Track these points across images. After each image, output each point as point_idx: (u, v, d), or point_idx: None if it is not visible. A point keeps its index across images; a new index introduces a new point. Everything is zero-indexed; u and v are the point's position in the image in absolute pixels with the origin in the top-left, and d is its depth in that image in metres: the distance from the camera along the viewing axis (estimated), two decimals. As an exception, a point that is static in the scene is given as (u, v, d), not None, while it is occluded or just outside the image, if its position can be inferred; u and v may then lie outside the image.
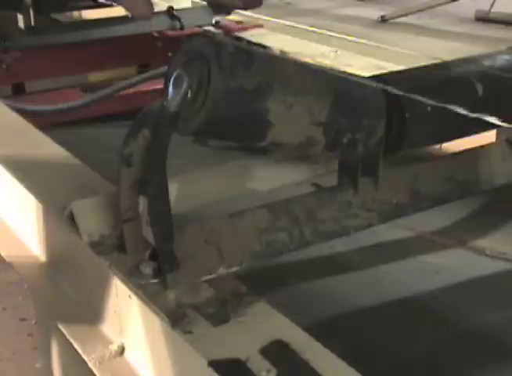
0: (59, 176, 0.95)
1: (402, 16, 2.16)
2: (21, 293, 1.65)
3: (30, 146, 1.06)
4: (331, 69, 0.86)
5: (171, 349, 0.65)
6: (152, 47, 2.02)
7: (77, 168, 0.97)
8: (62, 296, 0.86)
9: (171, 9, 2.02)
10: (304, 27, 1.23)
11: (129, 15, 0.76)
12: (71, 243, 0.81)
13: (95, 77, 2.08)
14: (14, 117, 1.21)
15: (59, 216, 0.83)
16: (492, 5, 2.08)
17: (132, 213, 0.71)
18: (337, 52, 1.68)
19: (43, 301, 0.87)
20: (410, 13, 2.17)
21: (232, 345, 0.62)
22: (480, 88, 0.83)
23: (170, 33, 1.99)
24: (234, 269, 0.73)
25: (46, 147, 1.05)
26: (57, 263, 0.90)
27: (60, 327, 0.81)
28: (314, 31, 1.22)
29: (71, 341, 0.79)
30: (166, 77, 0.68)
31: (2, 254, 0.99)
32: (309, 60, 1.62)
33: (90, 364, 0.75)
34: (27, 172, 0.97)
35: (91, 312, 0.81)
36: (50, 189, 0.91)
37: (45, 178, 0.95)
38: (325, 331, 0.70)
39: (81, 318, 0.81)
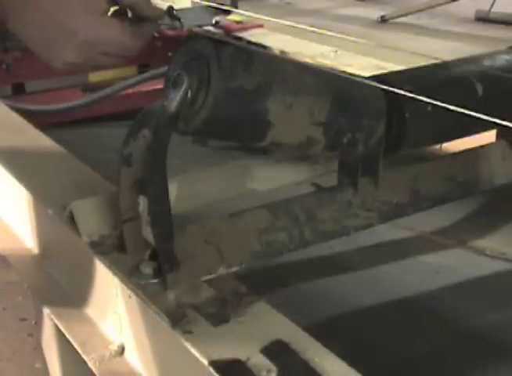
0: (59, 176, 0.95)
1: (402, 16, 2.17)
2: (21, 293, 1.65)
3: (30, 146, 1.06)
4: (331, 69, 0.86)
5: (171, 349, 0.65)
6: (152, 47, 2.02)
7: (77, 168, 0.97)
8: (62, 296, 0.86)
9: (171, 8, 2.02)
10: (304, 27, 1.23)
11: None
12: (71, 243, 0.81)
13: (95, 77, 2.08)
14: (14, 117, 1.21)
15: (58, 216, 0.83)
16: (492, 5, 2.08)
17: (132, 213, 0.71)
18: (337, 52, 1.68)
19: (42, 301, 0.87)
20: (410, 13, 2.17)
21: (232, 345, 0.62)
22: (480, 88, 0.83)
23: (170, 33, 1.99)
24: (234, 269, 0.73)
25: (46, 147, 1.05)
26: (57, 263, 0.90)
27: (60, 326, 0.81)
28: (314, 31, 1.22)
29: (71, 341, 0.79)
30: (166, 77, 0.68)
31: (2, 254, 0.99)
32: (309, 60, 1.62)
33: (90, 364, 0.75)
34: (27, 172, 0.97)
35: (91, 312, 0.81)
36: (50, 189, 0.91)
37: (44, 178, 0.95)
38: (325, 331, 0.70)
39: (80, 318, 0.81)
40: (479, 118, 0.69)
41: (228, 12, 2.01)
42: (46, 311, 0.84)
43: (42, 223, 0.91)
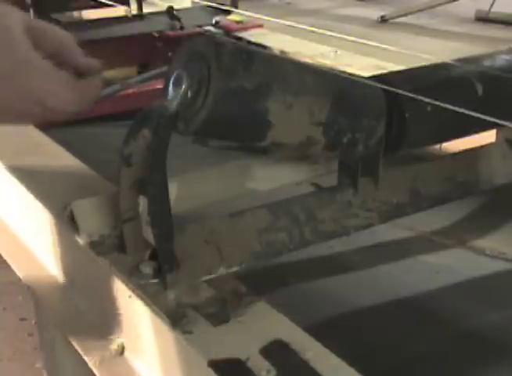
0: (59, 176, 0.95)
1: (401, 16, 2.17)
2: (21, 293, 1.65)
3: (30, 146, 1.06)
4: (331, 69, 0.86)
5: (171, 349, 0.65)
6: (152, 47, 2.02)
7: (77, 168, 0.97)
8: (61, 296, 0.86)
9: (171, 9, 2.02)
10: (304, 27, 1.23)
11: None
12: (71, 242, 0.81)
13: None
14: (14, 117, 1.20)
15: (59, 216, 0.83)
16: (491, 5, 2.08)
17: (132, 213, 0.71)
18: (336, 52, 1.68)
19: (43, 301, 0.87)
20: (410, 13, 2.17)
21: (232, 345, 0.62)
22: (480, 88, 0.83)
23: (170, 33, 1.99)
24: (234, 269, 0.73)
25: (46, 147, 1.05)
26: (57, 262, 0.90)
27: (60, 327, 0.81)
28: (314, 31, 1.22)
29: (71, 341, 0.79)
30: (166, 77, 0.68)
31: (2, 254, 0.99)
32: (309, 60, 1.62)
33: (90, 364, 0.75)
34: (27, 172, 0.97)
35: (91, 313, 0.81)
36: (50, 189, 0.91)
37: (45, 178, 0.95)
38: (325, 331, 0.70)
39: (80, 318, 0.81)
40: (479, 118, 0.69)
41: (228, 12, 2.01)
42: (47, 312, 0.85)
43: (42, 223, 0.91)
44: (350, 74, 0.81)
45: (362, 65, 1.54)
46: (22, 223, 1.00)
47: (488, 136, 0.99)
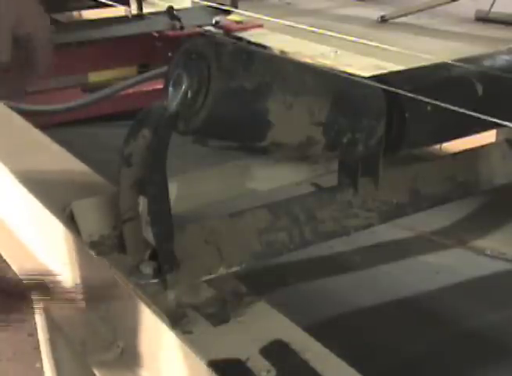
0: (59, 176, 0.95)
1: (402, 16, 2.17)
2: (21, 293, 1.65)
3: (30, 146, 1.06)
4: (331, 69, 0.86)
5: (171, 349, 0.65)
6: (152, 47, 2.02)
7: (77, 168, 0.97)
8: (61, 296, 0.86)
9: (171, 8, 2.02)
10: (304, 27, 1.24)
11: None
12: (71, 242, 0.81)
13: (95, 77, 2.08)
14: (14, 117, 1.21)
15: (58, 216, 0.83)
16: (492, 5, 2.08)
17: (132, 213, 0.71)
18: (337, 52, 1.68)
19: (43, 301, 0.87)
20: (410, 13, 2.17)
21: (232, 345, 0.62)
22: (480, 88, 0.83)
23: (170, 33, 1.99)
24: (234, 269, 0.73)
25: (46, 147, 1.05)
26: (57, 262, 0.90)
27: (61, 327, 0.81)
28: (314, 31, 1.22)
29: (71, 341, 0.79)
30: (166, 77, 0.68)
31: (2, 254, 0.99)
32: (309, 60, 1.62)
33: (90, 365, 0.75)
34: (27, 172, 0.97)
35: (90, 313, 0.81)
36: (50, 189, 0.91)
37: (44, 178, 0.95)
38: (325, 331, 0.70)
39: (80, 319, 0.81)
40: (479, 118, 0.69)
41: (228, 12, 2.02)
42: (46, 311, 0.84)
43: (42, 223, 0.91)
44: (350, 74, 0.81)
45: (362, 65, 1.54)
46: (22, 223, 1.00)
47: (488, 136, 0.99)
